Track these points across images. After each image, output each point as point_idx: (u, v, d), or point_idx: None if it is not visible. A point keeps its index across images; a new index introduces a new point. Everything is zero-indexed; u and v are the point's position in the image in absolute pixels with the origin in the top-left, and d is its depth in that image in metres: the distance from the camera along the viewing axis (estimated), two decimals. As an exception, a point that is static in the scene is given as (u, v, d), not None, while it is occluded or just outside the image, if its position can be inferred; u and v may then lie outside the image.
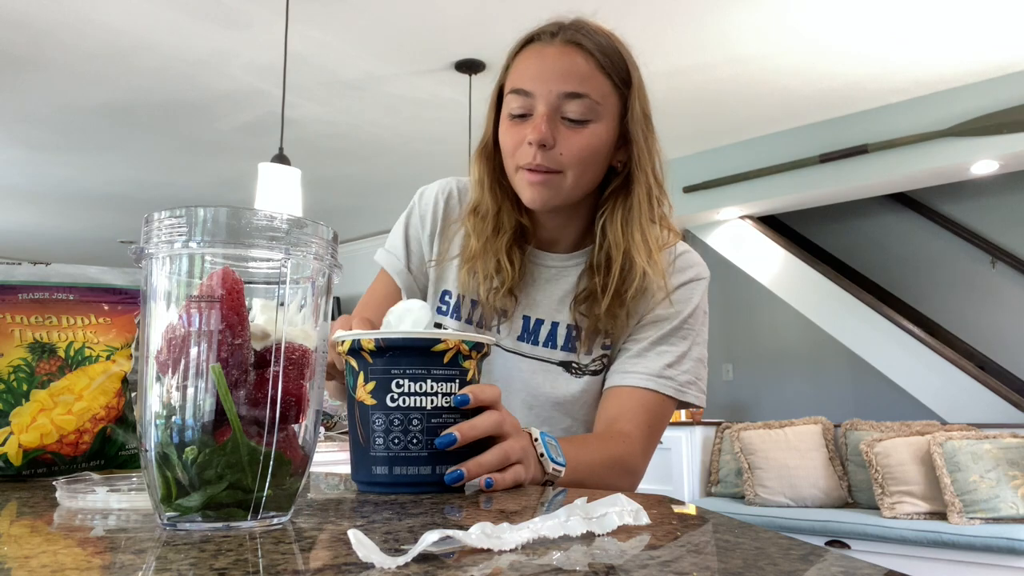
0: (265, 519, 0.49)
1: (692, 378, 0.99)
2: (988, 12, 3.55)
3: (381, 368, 0.67)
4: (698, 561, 0.42)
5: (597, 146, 0.93)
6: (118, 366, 0.88)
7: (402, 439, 0.67)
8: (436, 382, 0.67)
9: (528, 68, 0.93)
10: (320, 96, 4.38)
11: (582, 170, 0.93)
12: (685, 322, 1.00)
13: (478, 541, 0.40)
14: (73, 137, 4.98)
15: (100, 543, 0.46)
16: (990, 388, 4.44)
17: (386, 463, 0.67)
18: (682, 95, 4.41)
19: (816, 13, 3.54)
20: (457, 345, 0.68)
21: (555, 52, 0.92)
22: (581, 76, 0.91)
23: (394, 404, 0.67)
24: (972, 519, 3.35)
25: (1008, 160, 4.32)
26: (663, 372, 0.97)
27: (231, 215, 0.50)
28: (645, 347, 0.98)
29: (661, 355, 0.98)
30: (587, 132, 0.92)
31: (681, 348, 0.99)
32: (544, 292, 1.03)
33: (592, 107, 0.91)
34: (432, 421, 0.67)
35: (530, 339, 1.02)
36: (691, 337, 1.00)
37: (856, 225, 6.21)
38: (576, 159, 0.91)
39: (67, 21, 3.52)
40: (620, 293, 0.96)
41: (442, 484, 0.67)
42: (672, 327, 0.99)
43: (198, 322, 0.48)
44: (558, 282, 1.03)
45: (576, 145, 0.91)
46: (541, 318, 1.02)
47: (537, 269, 1.04)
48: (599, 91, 0.92)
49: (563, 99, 0.91)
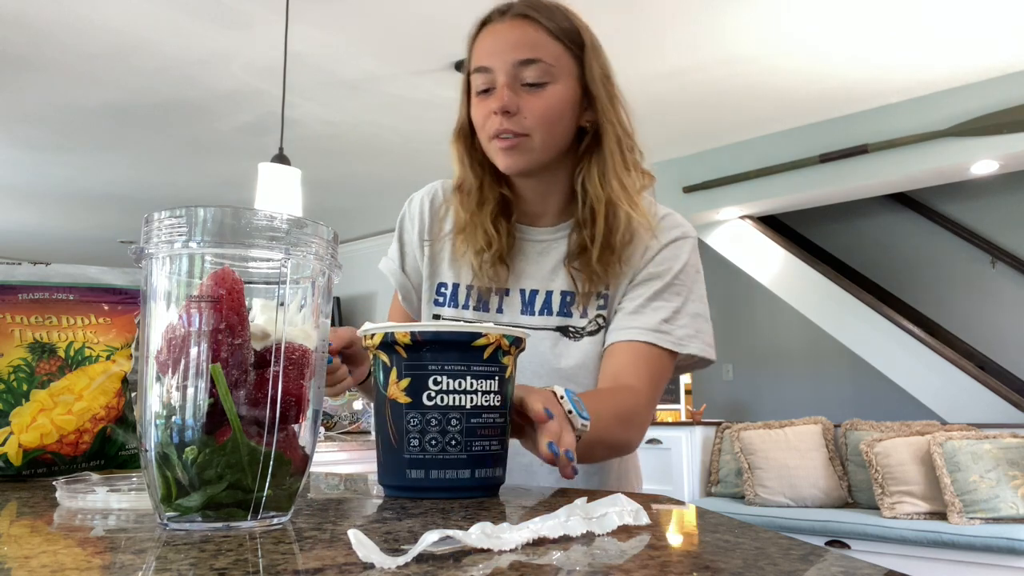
0: (265, 519, 0.49)
1: (692, 332, 1.02)
2: (988, 13, 3.55)
3: (417, 364, 0.63)
4: (698, 561, 0.42)
5: (558, 106, 0.98)
6: (118, 366, 0.88)
7: (440, 440, 0.63)
8: (476, 379, 0.64)
9: (484, 46, 1.00)
10: (320, 96, 4.38)
11: (548, 130, 0.98)
12: (676, 278, 1.03)
13: (478, 541, 0.40)
14: (73, 137, 4.98)
15: (100, 543, 0.46)
16: (990, 388, 4.44)
17: (422, 466, 0.63)
18: (682, 95, 4.41)
19: (816, 13, 3.54)
20: (498, 340, 0.64)
21: (506, 27, 1.00)
22: (532, 43, 0.98)
23: (431, 403, 0.63)
24: (972, 519, 3.35)
25: (1008, 160, 4.32)
26: (660, 327, 1.00)
27: (231, 215, 0.50)
28: (640, 304, 1.01)
29: (656, 311, 1.01)
30: (546, 94, 0.98)
31: (675, 303, 1.02)
32: (536, 265, 1.08)
33: (547, 70, 0.97)
34: (472, 421, 0.63)
35: (528, 310, 1.07)
36: (684, 293, 1.03)
37: (856, 225, 6.21)
38: (540, 120, 0.97)
39: (67, 21, 3.52)
40: (610, 241, 1.01)
41: (482, 489, 0.64)
42: (664, 283, 1.02)
43: (198, 322, 0.48)
44: (549, 254, 1.07)
45: (538, 107, 0.97)
46: (536, 288, 1.07)
47: (528, 244, 1.09)
48: (551, 54, 0.98)
49: (519, 67, 0.97)
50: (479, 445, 0.64)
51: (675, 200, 5.34)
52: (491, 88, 0.99)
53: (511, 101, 0.96)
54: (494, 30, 1.01)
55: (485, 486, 0.65)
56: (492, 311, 1.08)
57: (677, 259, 1.04)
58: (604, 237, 1.01)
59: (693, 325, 1.02)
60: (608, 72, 1.04)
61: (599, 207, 1.01)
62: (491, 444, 0.65)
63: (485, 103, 0.99)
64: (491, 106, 0.98)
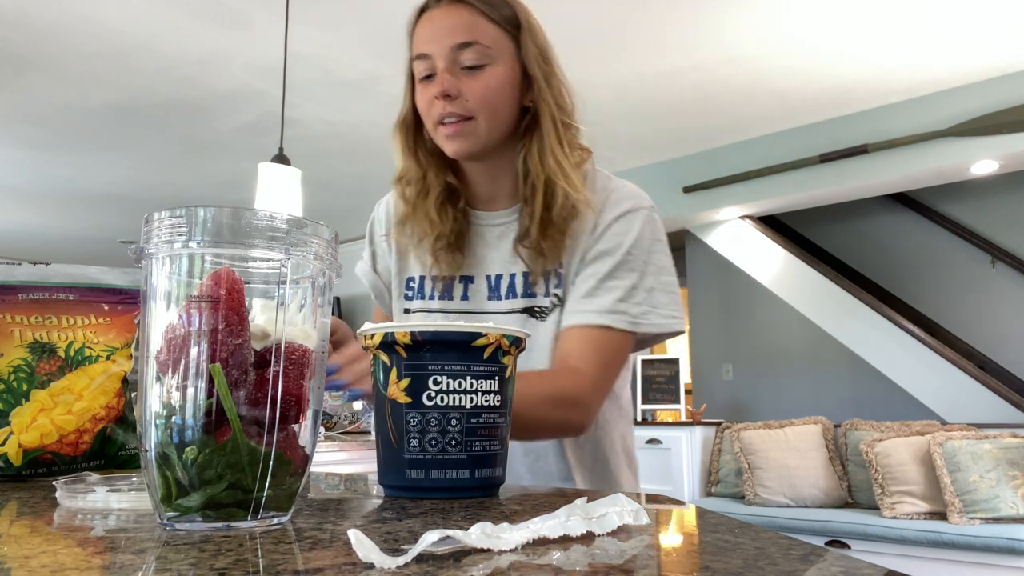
0: (265, 519, 0.49)
1: (647, 308, 1.01)
2: (988, 13, 3.55)
3: (417, 364, 0.63)
4: (698, 561, 0.42)
5: (498, 86, 0.99)
6: (118, 366, 0.88)
7: (440, 440, 0.63)
8: (476, 379, 0.64)
9: (423, 34, 1.02)
10: (320, 96, 4.37)
11: (491, 111, 0.99)
12: (629, 253, 1.02)
13: (478, 541, 0.40)
14: (73, 137, 4.98)
15: (100, 543, 0.46)
16: (990, 388, 4.43)
17: (422, 466, 0.63)
18: (682, 95, 4.41)
19: (816, 13, 3.54)
20: (498, 340, 0.64)
21: (442, 12, 1.01)
22: (467, 26, 0.99)
23: (431, 402, 0.63)
24: (972, 519, 3.35)
25: (1008, 160, 4.32)
26: (614, 307, 0.99)
27: (231, 215, 0.50)
28: (594, 285, 1.01)
29: (610, 291, 1.00)
30: (485, 75, 0.99)
31: (630, 281, 1.01)
32: (497, 249, 1.08)
33: (484, 52, 0.99)
34: (472, 421, 0.64)
35: (495, 295, 1.07)
36: (639, 268, 1.02)
37: (856, 225, 6.20)
38: (482, 102, 0.98)
39: (67, 21, 3.52)
40: (550, 217, 1.01)
41: (482, 489, 0.64)
42: (616, 261, 1.02)
43: (198, 322, 0.48)
44: (507, 236, 1.08)
45: (478, 89, 0.98)
46: (500, 273, 1.07)
47: (486, 230, 1.09)
48: (488, 36, 0.99)
49: (456, 51, 0.98)
50: (479, 445, 0.64)
51: (675, 200, 5.34)
52: (432, 74, 1.00)
53: (451, 85, 0.97)
54: (431, 17, 1.02)
55: (485, 486, 0.65)
56: (456, 299, 1.08)
57: (628, 233, 1.03)
58: (542, 213, 1.01)
59: (648, 301, 1.01)
60: (545, 51, 1.04)
61: (539, 184, 1.01)
62: (491, 444, 0.65)
63: (428, 89, 1.00)
64: (432, 91, 0.99)
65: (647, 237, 1.04)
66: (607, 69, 4.06)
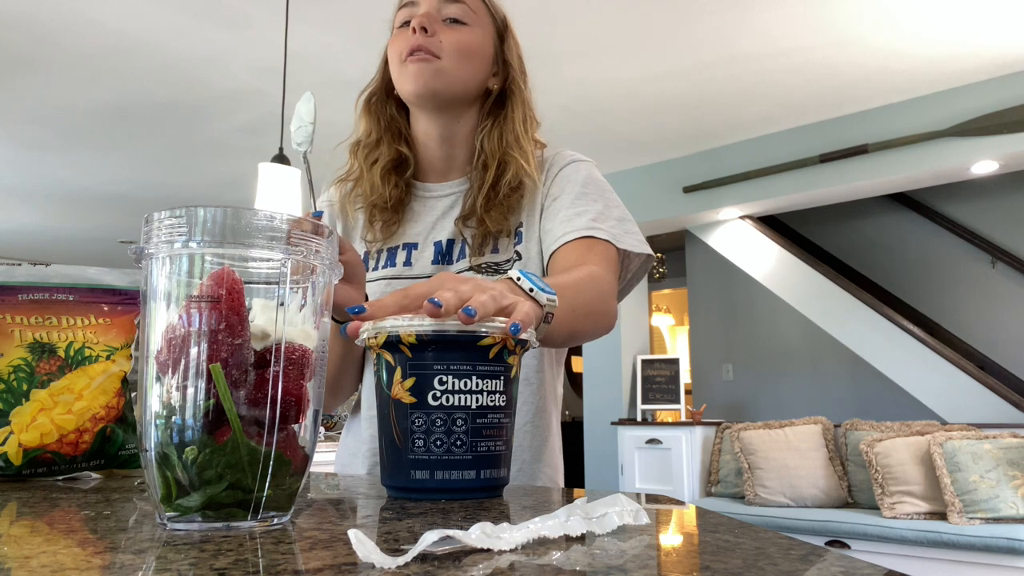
0: (265, 519, 0.49)
1: (621, 232, 1.03)
2: (988, 13, 3.55)
3: (421, 363, 0.62)
4: (698, 561, 0.42)
5: (473, 45, 1.03)
6: (118, 366, 0.88)
7: (445, 441, 0.62)
8: (481, 379, 0.63)
9: None
10: (320, 96, 4.37)
11: (459, 63, 1.02)
12: (584, 187, 1.06)
13: (478, 541, 0.40)
14: (73, 137, 4.98)
15: (100, 543, 0.46)
16: (990, 388, 4.43)
17: (427, 467, 0.62)
18: (682, 95, 4.41)
19: (816, 13, 3.54)
20: (504, 339, 0.63)
21: None
22: None
23: (436, 403, 0.62)
24: (972, 519, 3.35)
25: (1008, 160, 4.32)
26: (592, 224, 1.01)
27: (231, 215, 0.50)
28: (565, 215, 1.03)
29: (582, 214, 1.03)
30: (465, 30, 1.03)
31: (596, 207, 1.04)
32: (448, 217, 1.10)
33: (468, 12, 1.04)
34: (477, 421, 0.63)
35: (446, 259, 1.08)
36: (601, 200, 1.05)
37: (856, 225, 6.20)
38: (453, 49, 1.01)
39: (67, 21, 3.52)
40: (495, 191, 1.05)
41: (487, 490, 0.64)
42: (576, 193, 1.05)
43: (198, 322, 0.48)
44: (458, 205, 1.10)
45: (454, 37, 1.02)
46: (452, 238, 1.09)
47: (437, 200, 1.12)
48: (474, 2, 1.05)
49: (443, 2, 1.03)
50: (484, 446, 0.63)
51: (675, 200, 5.34)
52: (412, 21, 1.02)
53: (430, 20, 1.00)
54: None
55: (490, 487, 0.65)
56: (399, 264, 1.09)
57: (577, 173, 1.07)
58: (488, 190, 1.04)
59: (621, 227, 1.04)
60: (521, 53, 1.11)
61: (491, 161, 1.05)
62: (496, 444, 0.64)
63: (404, 31, 1.03)
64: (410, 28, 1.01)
65: (597, 181, 1.09)
66: (607, 69, 4.06)
